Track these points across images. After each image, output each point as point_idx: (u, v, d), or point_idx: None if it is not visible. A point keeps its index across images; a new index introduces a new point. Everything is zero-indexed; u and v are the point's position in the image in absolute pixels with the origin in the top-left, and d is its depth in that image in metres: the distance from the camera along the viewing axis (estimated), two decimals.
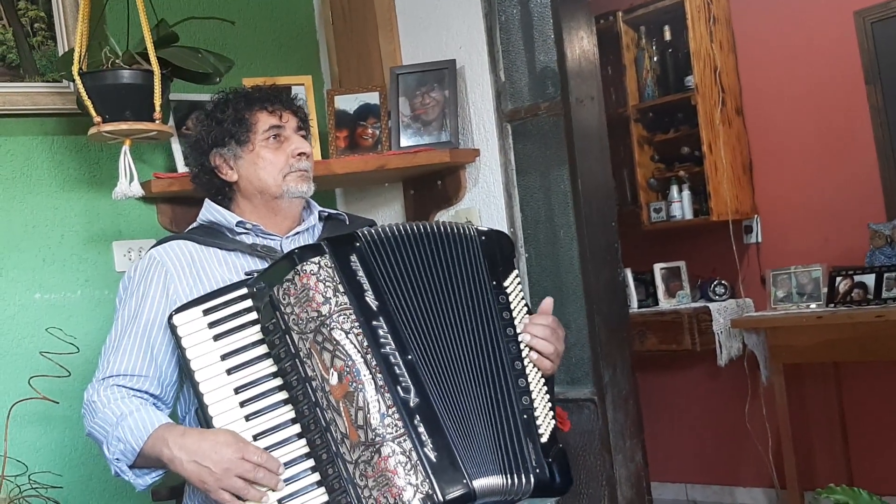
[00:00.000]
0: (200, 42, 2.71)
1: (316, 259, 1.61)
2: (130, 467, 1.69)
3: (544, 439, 1.65)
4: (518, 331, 1.73)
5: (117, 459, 1.68)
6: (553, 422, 1.69)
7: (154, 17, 2.45)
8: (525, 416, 1.65)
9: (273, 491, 1.56)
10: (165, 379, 1.80)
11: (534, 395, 1.69)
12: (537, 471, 1.61)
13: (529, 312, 1.80)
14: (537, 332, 1.75)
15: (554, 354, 1.77)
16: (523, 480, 1.59)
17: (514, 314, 1.75)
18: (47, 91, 2.65)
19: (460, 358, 1.64)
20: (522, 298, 1.79)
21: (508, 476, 1.58)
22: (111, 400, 1.73)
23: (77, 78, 2.33)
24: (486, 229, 1.81)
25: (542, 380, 1.74)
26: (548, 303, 1.82)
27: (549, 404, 1.72)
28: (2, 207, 2.63)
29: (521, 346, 1.73)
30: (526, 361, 1.72)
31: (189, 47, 2.53)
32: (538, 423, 1.66)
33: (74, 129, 2.69)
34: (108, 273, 2.75)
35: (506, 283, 1.76)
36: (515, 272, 1.80)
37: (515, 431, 1.62)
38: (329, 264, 1.62)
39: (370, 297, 1.61)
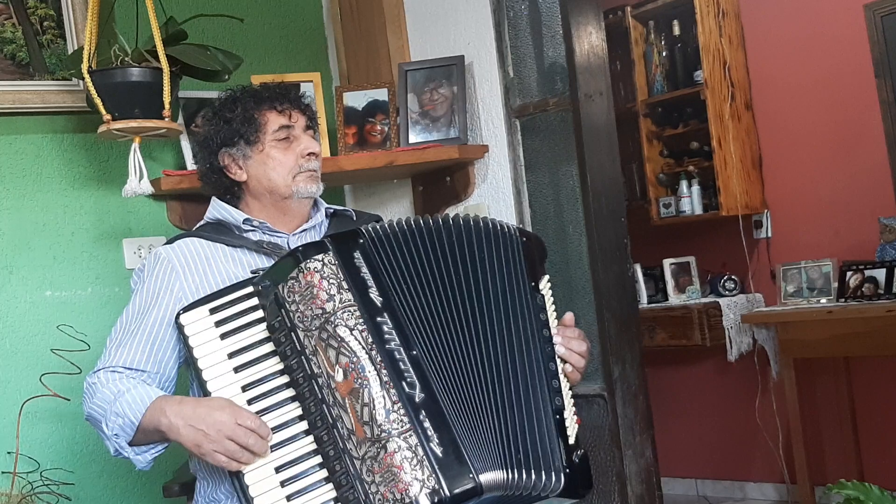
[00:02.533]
0: (209, 39, 2.71)
1: (319, 256, 1.61)
2: (130, 445, 1.70)
3: (571, 441, 1.66)
4: (553, 332, 1.74)
5: (116, 436, 1.69)
6: (577, 426, 1.70)
7: (163, 14, 2.46)
8: (557, 417, 1.65)
9: (261, 457, 1.57)
10: (164, 376, 1.81)
11: (564, 397, 1.70)
12: (567, 471, 1.61)
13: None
14: (574, 347, 1.76)
15: (584, 369, 1.79)
16: (553, 479, 1.59)
17: (549, 317, 1.76)
18: (57, 89, 2.66)
19: (479, 354, 1.64)
20: (553, 303, 1.79)
21: (532, 473, 1.57)
22: (110, 380, 1.75)
23: (86, 76, 2.34)
24: (526, 230, 1.82)
25: (569, 384, 1.76)
26: (570, 317, 1.82)
27: (574, 408, 1.72)
28: (13, 205, 2.64)
29: (557, 347, 1.73)
30: (559, 362, 1.73)
31: (198, 45, 2.54)
32: (567, 424, 1.67)
33: (84, 126, 2.70)
34: (119, 270, 2.76)
35: (541, 286, 1.77)
36: (548, 277, 1.81)
37: (548, 430, 1.63)
38: (332, 261, 1.61)
39: (374, 294, 1.61)
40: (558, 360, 1.73)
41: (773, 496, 4.48)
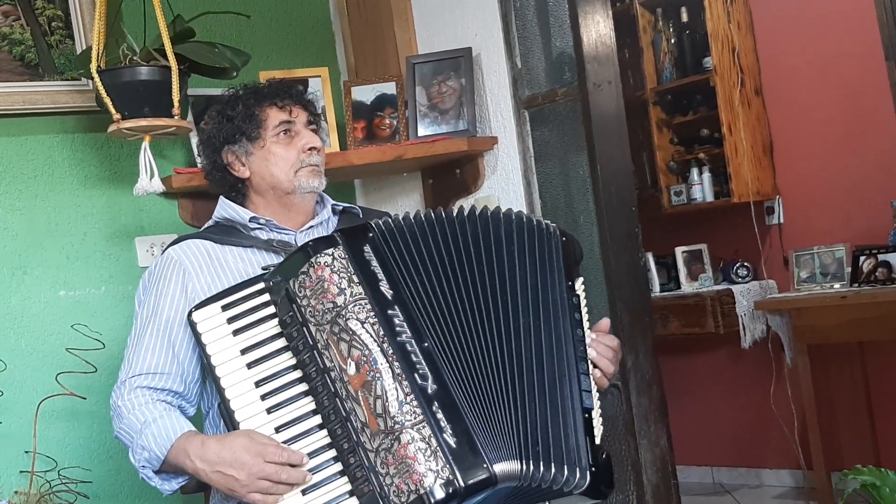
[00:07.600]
0: (217, 37, 2.72)
1: (330, 251, 1.62)
2: (157, 472, 1.71)
3: (597, 441, 1.66)
4: (586, 334, 1.74)
5: (143, 466, 1.70)
6: (602, 427, 1.70)
7: (170, 12, 2.46)
8: (586, 416, 1.65)
9: (301, 485, 1.57)
10: (188, 376, 1.81)
11: (594, 398, 1.70)
12: (593, 469, 1.60)
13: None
14: (606, 348, 1.77)
15: (612, 375, 1.79)
16: (577, 475, 1.58)
17: (583, 317, 1.76)
18: (66, 89, 2.67)
19: (499, 347, 1.63)
20: (587, 306, 1.79)
21: (552, 466, 1.56)
22: (135, 406, 1.74)
23: (95, 76, 2.34)
24: (566, 231, 1.82)
25: (596, 387, 1.76)
26: (605, 324, 1.83)
27: (600, 410, 1.72)
28: (25, 206, 2.65)
29: (589, 347, 1.73)
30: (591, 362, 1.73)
31: (205, 42, 2.54)
32: (594, 425, 1.67)
33: (94, 126, 2.71)
34: (132, 269, 2.77)
35: (577, 287, 1.77)
36: (582, 279, 1.81)
37: (574, 427, 1.62)
38: (343, 255, 1.62)
39: (385, 287, 1.61)
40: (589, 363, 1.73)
41: (789, 482, 4.48)
